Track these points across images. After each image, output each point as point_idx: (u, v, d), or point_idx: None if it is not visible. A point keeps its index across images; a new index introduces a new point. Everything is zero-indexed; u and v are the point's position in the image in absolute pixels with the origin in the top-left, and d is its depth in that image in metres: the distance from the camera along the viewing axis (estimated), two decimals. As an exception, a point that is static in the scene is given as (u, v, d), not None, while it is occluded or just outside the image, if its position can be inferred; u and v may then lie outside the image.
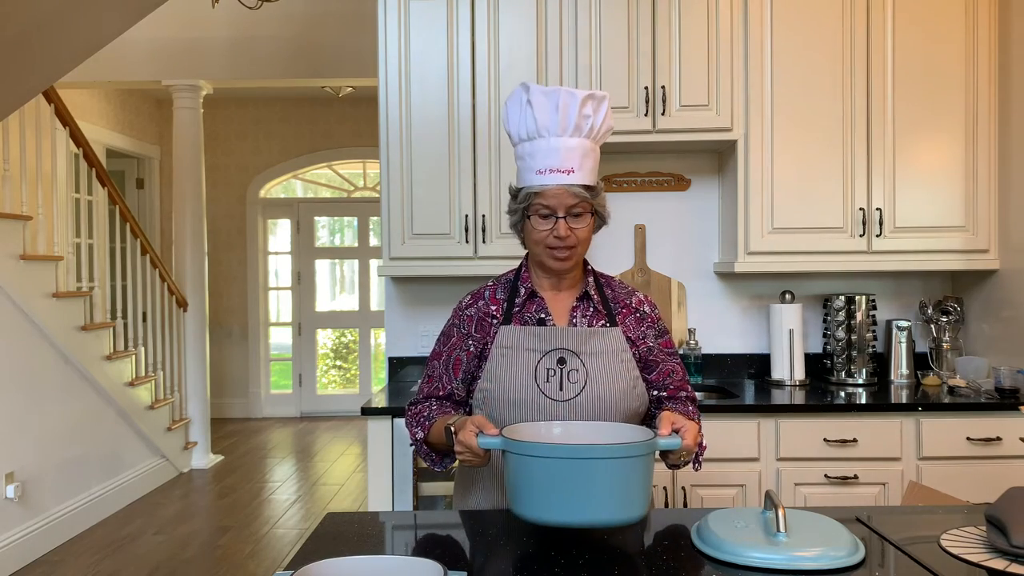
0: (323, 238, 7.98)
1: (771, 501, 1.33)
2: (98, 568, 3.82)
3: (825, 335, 3.25)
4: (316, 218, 7.92)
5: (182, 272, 5.70)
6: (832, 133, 3.02)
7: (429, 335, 3.39)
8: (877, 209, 3.02)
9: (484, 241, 3.05)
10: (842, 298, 3.18)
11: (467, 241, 3.05)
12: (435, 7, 3.06)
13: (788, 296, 3.21)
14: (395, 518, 1.59)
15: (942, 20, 3.01)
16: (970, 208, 3.03)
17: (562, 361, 1.64)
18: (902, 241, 3.03)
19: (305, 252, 7.88)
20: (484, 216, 3.05)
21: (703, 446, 1.67)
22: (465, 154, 3.05)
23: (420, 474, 2.80)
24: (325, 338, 7.99)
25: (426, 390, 1.76)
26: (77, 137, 4.56)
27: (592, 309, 1.71)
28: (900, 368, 3.19)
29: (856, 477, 2.73)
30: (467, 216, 3.05)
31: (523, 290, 1.72)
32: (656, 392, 1.74)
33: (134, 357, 5.00)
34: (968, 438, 2.73)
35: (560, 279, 1.72)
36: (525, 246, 1.73)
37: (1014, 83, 2.94)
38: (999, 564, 1.22)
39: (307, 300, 7.90)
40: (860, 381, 3.14)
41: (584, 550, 1.34)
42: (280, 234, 7.92)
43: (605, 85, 3.02)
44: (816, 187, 3.02)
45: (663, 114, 3.01)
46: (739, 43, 3.03)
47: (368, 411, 2.81)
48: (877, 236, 3.02)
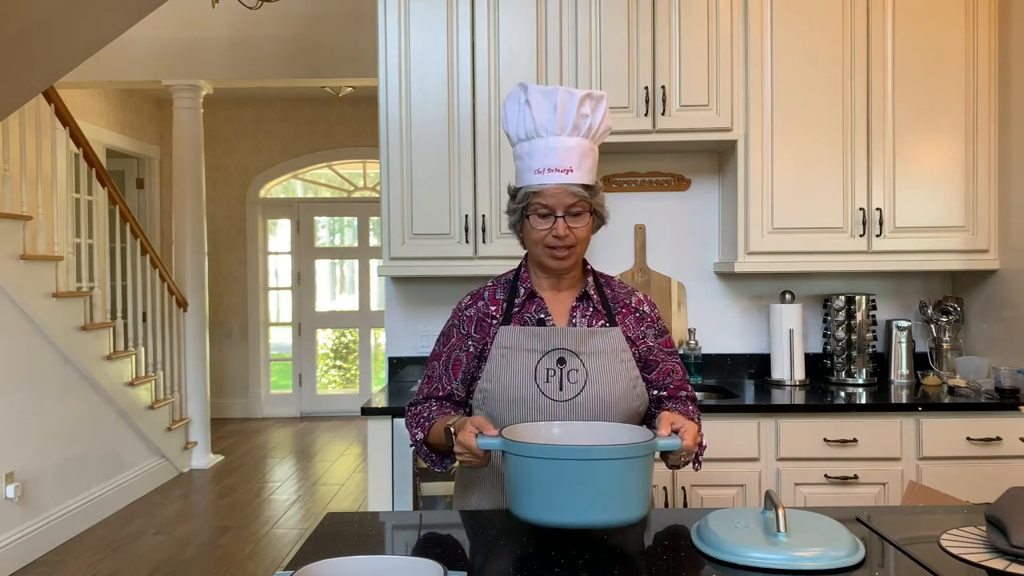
0: (323, 238, 7.98)
1: (771, 501, 1.33)
2: (98, 568, 3.82)
3: (825, 335, 3.25)
4: (316, 218, 7.92)
5: (182, 272, 5.70)
6: (832, 133, 3.02)
7: (429, 335, 3.39)
8: (877, 209, 3.02)
9: (484, 241, 3.05)
10: (842, 298, 3.18)
11: (467, 241, 3.05)
12: (435, 7, 3.06)
13: (788, 296, 3.21)
14: (395, 518, 1.59)
15: (942, 20, 3.01)
16: (970, 208, 3.03)
17: (562, 361, 1.64)
18: (902, 241, 3.03)
19: (305, 252, 7.88)
20: (484, 216, 3.05)
21: (703, 446, 1.66)
22: (465, 154, 3.05)
23: (420, 474, 2.80)
24: (325, 338, 7.99)
25: (426, 391, 1.76)
26: (77, 137, 4.56)
27: (592, 309, 1.71)
28: (900, 368, 3.19)
29: (856, 477, 2.73)
30: (467, 216, 3.05)
31: (523, 290, 1.72)
32: (656, 392, 1.74)
33: (134, 357, 5.00)
34: (968, 438, 2.73)
35: (560, 279, 1.72)
36: (524, 246, 1.73)
37: (1014, 83, 2.94)
38: (999, 564, 1.22)
39: (307, 300, 7.90)
40: (860, 381, 3.14)
41: (584, 550, 1.34)
42: (280, 234, 7.92)
43: (605, 85, 3.02)
44: (816, 187, 3.02)
45: (663, 114, 3.01)
46: (739, 43, 3.03)
47: (368, 411, 2.81)
48: (877, 236, 3.02)
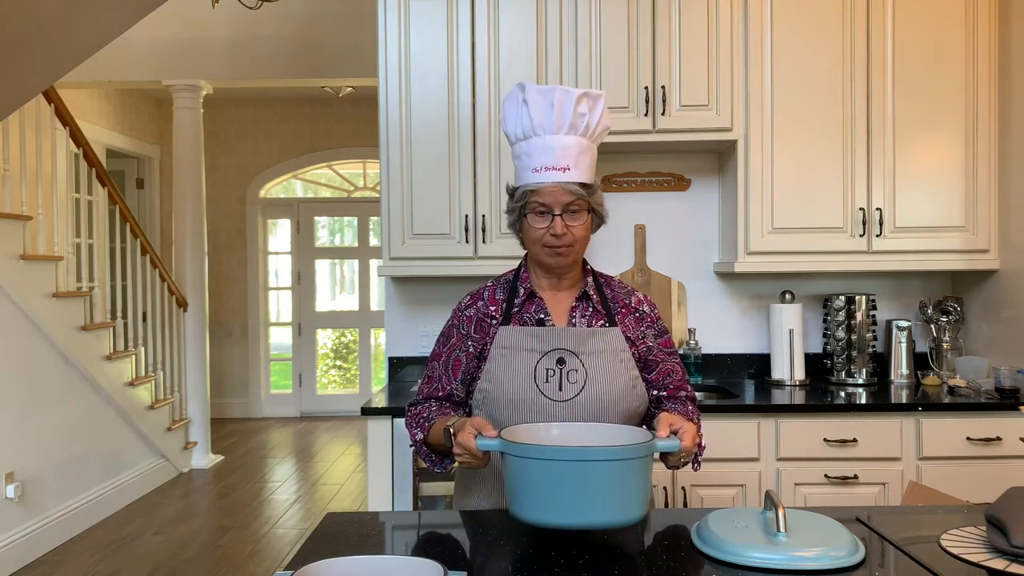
0: (323, 238, 7.98)
1: (771, 501, 1.33)
2: (98, 568, 3.82)
3: (825, 335, 3.25)
4: (316, 218, 7.92)
5: (182, 272, 5.70)
6: (832, 133, 3.02)
7: (429, 335, 3.39)
8: (877, 209, 3.02)
9: (484, 241, 3.05)
10: (842, 298, 3.18)
11: (467, 241, 3.05)
12: (435, 7, 3.05)
13: (788, 296, 3.21)
14: (395, 518, 1.59)
15: (942, 20, 3.01)
16: (970, 208, 3.03)
17: (561, 361, 1.64)
18: (902, 241, 3.03)
19: (305, 252, 7.88)
20: (484, 216, 3.05)
21: (702, 446, 1.66)
22: (465, 154, 3.05)
23: (420, 474, 2.80)
24: (325, 338, 7.99)
25: (426, 391, 1.76)
26: (77, 137, 4.56)
27: (591, 309, 1.71)
28: (900, 368, 3.19)
29: (856, 477, 2.73)
30: (467, 216, 3.05)
31: (522, 290, 1.72)
32: (656, 392, 1.74)
33: (134, 357, 5.00)
34: (968, 438, 2.73)
35: (559, 279, 1.72)
36: (524, 246, 1.73)
37: (1014, 83, 2.94)
38: (999, 564, 1.22)
39: (307, 300, 7.90)
40: (860, 381, 3.14)
41: (584, 550, 1.34)
42: (280, 234, 7.92)
43: (605, 85, 3.02)
44: (816, 187, 3.02)
45: (663, 114, 3.01)
46: (739, 43, 3.03)
47: (368, 411, 2.81)
48: (877, 236, 3.02)
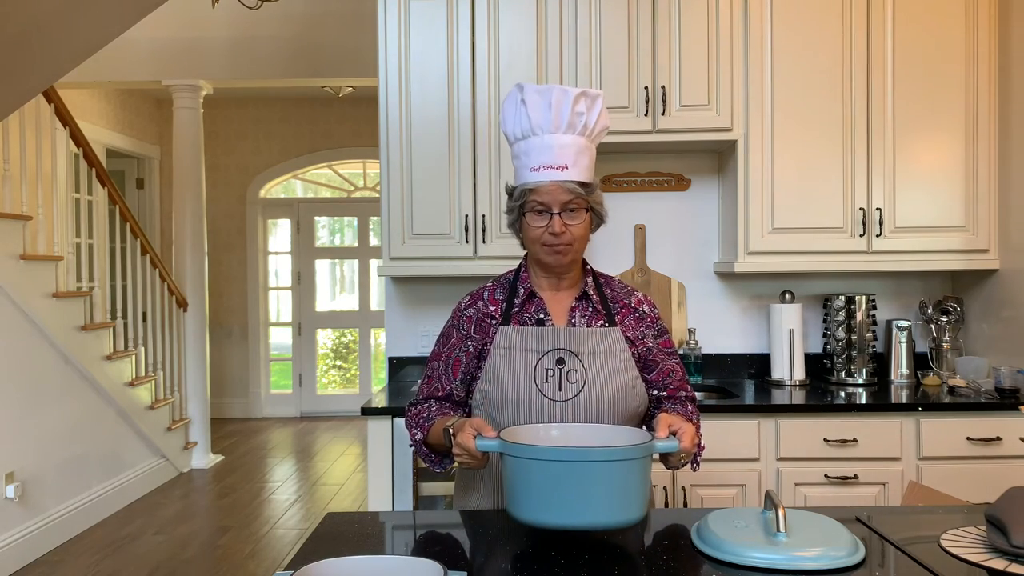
0: (323, 238, 7.98)
1: (771, 501, 1.33)
2: (98, 568, 3.82)
3: (825, 335, 3.25)
4: (316, 218, 7.92)
5: (182, 272, 5.70)
6: (832, 133, 3.02)
7: (429, 335, 3.38)
8: (877, 209, 3.02)
9: (484, 241, 3.05)
10: (842, 298, 3.18)
11: (467, 241, 3.05)
12: (435, 7, 3.05)
13: (788, 296, 3.21)
14: (395, 518, 1.59)
15: (942, 20, 3.01)
16: (970, 208, 3.03)
17: (561, 361, 1.64)
18: (902, 241, 3.02)
19: (305, 252, 7.88)
20: (484, 216, 3.05)
21: (701, 446, 1.66)
22: (465, 154, 3.05)
23: (420, 474, 2.80)
24: (325, 338, 7.99)
25: (426, 391, 1.76)
26: (77, 137, 4.56)
27: (591, 309, 1.71)
28: (900, 368, 3.19)
29: (856, 477, 2.73)
30: (467, 216, 3.05)
31: (522, 290, 1.72)
32: (655, 392, 1.74)
33: (134, 357, 5.00)
34: (968, 438, 2.73)
35: (559, 279, 1.72)
36: (523, 246, 1.73)
37: (1014, 83, 2.94)
38: (999, 564, 1.22)
39: (307, 300, 7.90)
40: (860, 381, 3.14)
41: (584, 550, 1.34)
42: (280, 234, 7.92)
43: (605, 85, 3.02)
44: (816, 187, 3.02)
45: (663, 114, 3.01)
46: (739, 43, 3.03)
47: (368, 411, 2.81)
48: (877, 236, 3.02)
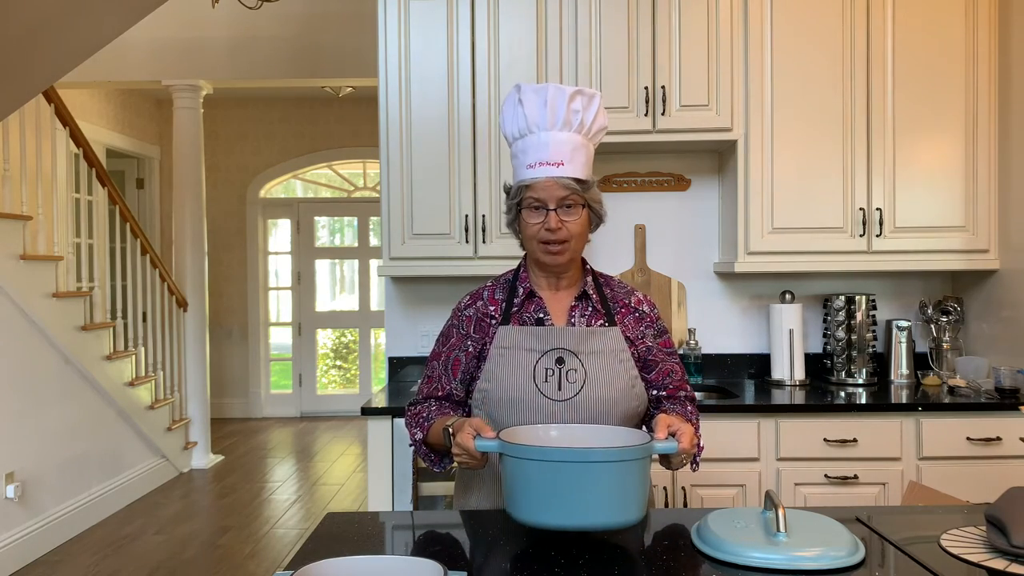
0: (323, 238, 7.98)
1: (771, 501, 1.33)
2: (98, 568, 3.82)
3: (825, 335, 3.25)
4: (316, 218, 7.92)
5: (182, 272, 5.70)
6: (832, 133, 3.02)
7: (429, 335, 3.38)
8: (877, 209, 3.02)
9: (484, 241, 3.05)
10: (842, 298, 3.18)
11: (467, 241, 3.05)
12: (435, 7, 3.05)
13: (788, 296, 3.21)
14: (395, 518, 1.59)
15: (942, 20, 3.01)
16: (970, 208, 3.03)
17: (560, 361, 1.63)
18: (902, 241, 3.02)
19: (305, 252, 7.88)
20: (484, 216, 3.05)
21: (700, 446, 1.66)
22: (465, 154, 3.05)
23: (420, 474, 2.80)
24: (325, 338, 7.99)
25: (425, 391, 1.76)
26: (77, 137, 4.56)
27: (591, 309, 1.71)
28: (900, 368, 3.19)
29: (856, 477, 2.73)
30: (467, 216, 3.05)
31: (521, 290, 1.72)
32: (655, 392, 1.74)
33: (134, 357, 5.00)
34: (968, 438, 2.73)
35: (558, 278, 1.72)
36: (523, 246, 1.73)
37: (1014, 83, 2.94)
38: (999, 564, 1.22)
39: (307, 300, 7.90)
40: (860, 381, 3.14)
41: (584, 550, 1.34)
42: (280, 234, 7.92)
43: (605, 85, 3.02)
44: (816, 187, 3.02)
45: (663, 114, 3.01)
46: (739, 43, 3.03)
47: (368, 411, 2.81)
48: (877, 236, 3.02)
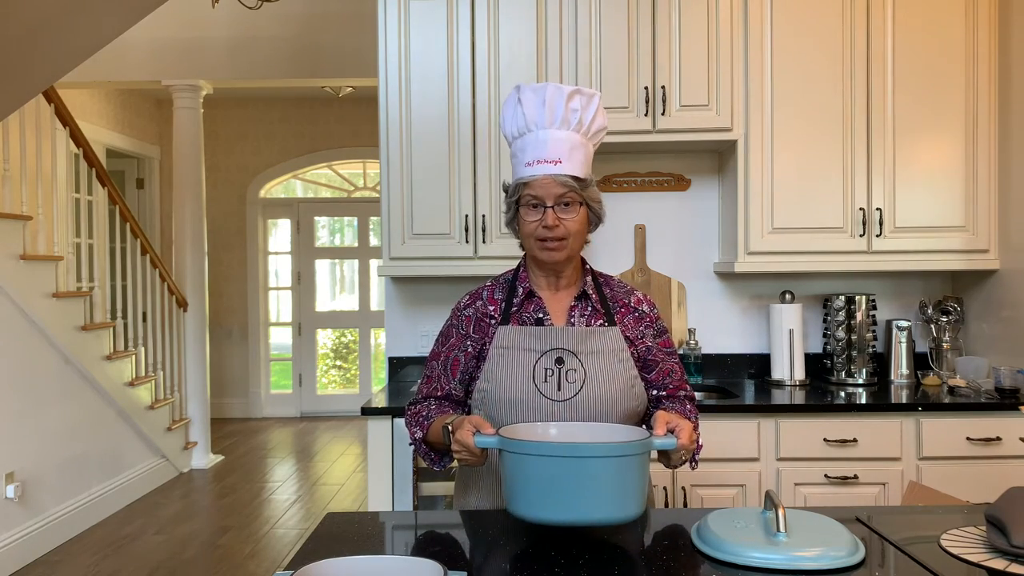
0: (323, 238, 7.98)
1: (771, 501, 1.33)
2: (98, 568, 3.82)
3: (825, 335, 3.25)
4: (316, 218, 7.92)
5: (182, 272, 5.70)
6: (832, 133, 3.02)
7: (429, 335, 3.38)
8: (877, 209, 3.02)
9: (484, 241, 3.05)
10: (842, 298, 3.18)
11: (467, 241, 3.05)
12: (435, 7, 3.05)
13: (788, 296, 3.21)
14: (395, 518, 1.59)
15: (942, 20, 3.01)
16: (970, 208, 3.03)
17: (560, 361, 1.63)
18: (902, 241, 3.02)
19: (305, 252, 7.88)
20: (484, 216, 3.05)
21: (699, 445, 1.66)
22: (465, 154, 3.05)
23: (420, 474, 2.80)
24: (325, 338, 7.99)
25: (425, 390, 1.76)
26: (77, 137, 4.56)
27: (590, 308, 1.71)
28: (900, 368, 3.19)
29: (856, 477, 2.73)
30: (467, 216, 3.05)
31: (521, 290, 1.72)
32: (655, 392, 1.74)
33: (134, 357, 5.00)
34: (968, 438, 2.73)
35: (558, 278, 1.72)
36: (521, 245, 1.73)
37: (1014, 83, 2.94)
38: (999, 564, 1.22)
39: (307, 300, 7.90)
40: (860, 381, 3.14)
41: (584, 550, 1.34)
42: (280, 234, 7.92)
43: (605, 85, 3.02)
44: (816, 187, 3.02)
45: (663, 114, 3.01)
46: (739, 43, 3.03)
47: (368, 411, 2.81)
48: (877, 236, 3.02)
